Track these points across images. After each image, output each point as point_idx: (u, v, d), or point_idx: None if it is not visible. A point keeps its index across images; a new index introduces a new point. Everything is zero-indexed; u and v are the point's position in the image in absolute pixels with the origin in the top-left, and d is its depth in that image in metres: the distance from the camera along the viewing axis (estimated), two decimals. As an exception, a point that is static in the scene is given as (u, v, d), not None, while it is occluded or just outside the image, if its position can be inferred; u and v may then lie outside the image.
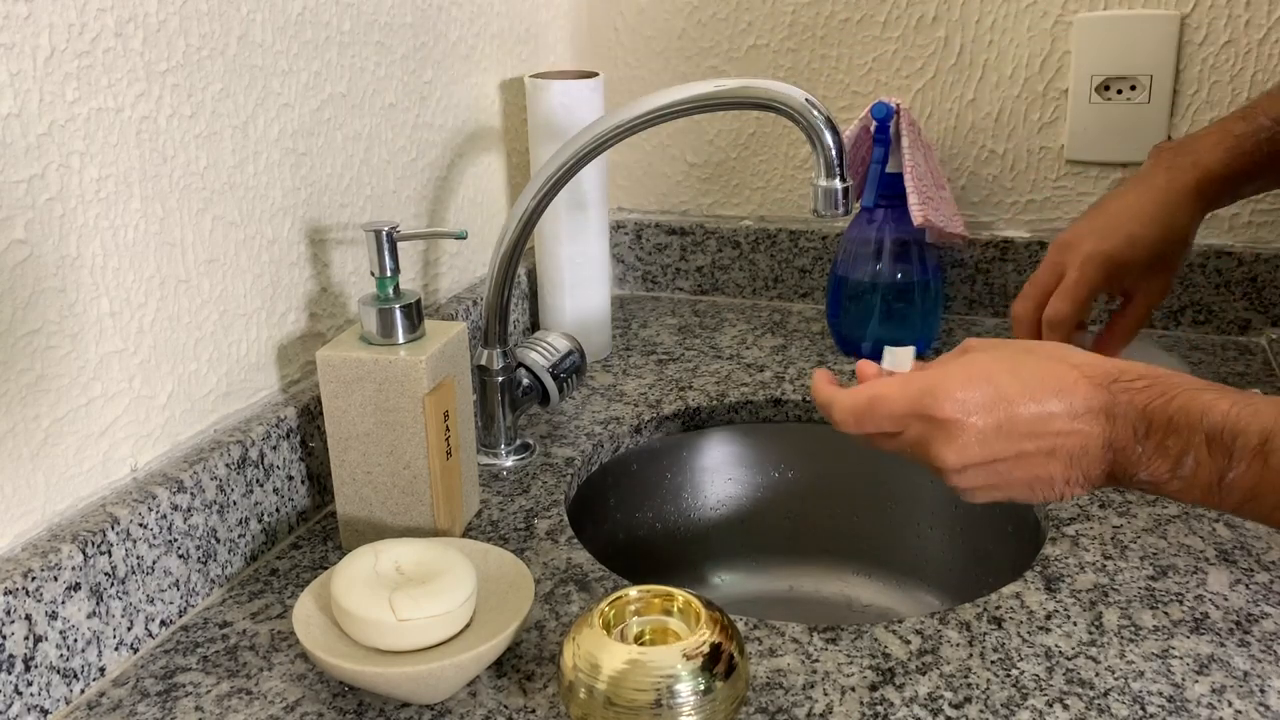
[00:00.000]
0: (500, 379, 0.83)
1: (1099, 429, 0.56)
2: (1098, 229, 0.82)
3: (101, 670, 0.61)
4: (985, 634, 0.63)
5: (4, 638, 0.54)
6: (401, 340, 0.70)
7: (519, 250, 0.80)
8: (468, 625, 0.59)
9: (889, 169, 0.97)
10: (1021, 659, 0.61)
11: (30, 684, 0.56)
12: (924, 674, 0.60)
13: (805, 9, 1.10)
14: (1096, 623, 0.64)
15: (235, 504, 0.70)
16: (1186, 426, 0.54)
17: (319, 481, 0.78)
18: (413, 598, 0.57)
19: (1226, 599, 0.66)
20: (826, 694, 0.59)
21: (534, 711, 0.58)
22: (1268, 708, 0.57)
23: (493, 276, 0.81)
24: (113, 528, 0.61)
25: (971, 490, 0.60)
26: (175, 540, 0.65)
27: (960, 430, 0.57)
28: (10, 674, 0.55)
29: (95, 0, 0.59)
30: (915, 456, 0.60)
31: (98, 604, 0.60)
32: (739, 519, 0.97)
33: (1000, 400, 0.57)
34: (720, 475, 0.96)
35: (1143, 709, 0.57)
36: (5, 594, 0.54)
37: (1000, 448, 0.57)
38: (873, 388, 0.60)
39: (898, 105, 0.96)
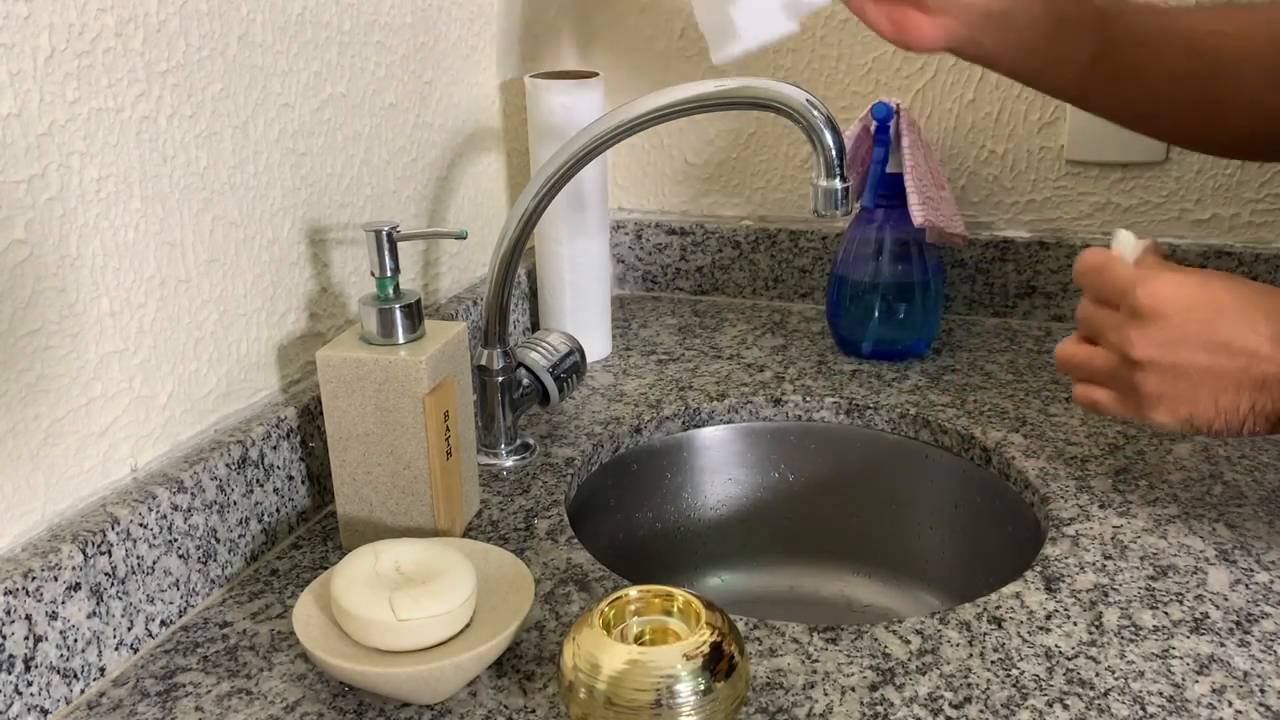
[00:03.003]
0: (500, 379, 0.83)
1: None
2: None
3: (101, 670, 0.61)
4: (985, 634, 0.63)
5: (4, 638, 0.54)
6: (401, 340, 0.70)
7: (519, 250, 0.80)
8: (468, 625, 0.59)
9: (889, 169, 0.96)
10: (1021, 659, 0.61)
11: (30, 684, 0.56)
12: (924, 674, 0.60)
13: (805, 9, 1.10)
14: (1096, 623, 0.64)
15: (235, 504, 0.70)
16: None
17: (319, 481, 0.78)
18: (413, 598, 0.57)
19: (1226, 599, 0.66)
20: (826, 694, 0.59)
21: (534, 711, 0.58)
22: (1268, 708, 0.57)
23: (493, 276, 0.81)
24: (113, 528, 0.61)
25: (1155, 398, 0.60)
26: (175, 540, 0.65)
27: (1157, 320, 0.58)
28: (10, 674, 0.55)
29: (95, 0, 0.59)
30: (1112, 348, 0.61)
31: (98, 604, 0.60)
32: (739, 519, 0.97)
33: (1207, 305, 0.58)
34: (720, 475, 0.96)
35: (1143, 709, 0.57)
36: (5, 594, 0.54)
37: (1192, 355, 0.58)
38: (1115, 259, 0.63)
39: (898, 105, 0.96)
